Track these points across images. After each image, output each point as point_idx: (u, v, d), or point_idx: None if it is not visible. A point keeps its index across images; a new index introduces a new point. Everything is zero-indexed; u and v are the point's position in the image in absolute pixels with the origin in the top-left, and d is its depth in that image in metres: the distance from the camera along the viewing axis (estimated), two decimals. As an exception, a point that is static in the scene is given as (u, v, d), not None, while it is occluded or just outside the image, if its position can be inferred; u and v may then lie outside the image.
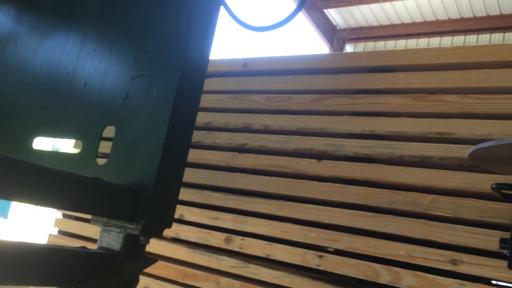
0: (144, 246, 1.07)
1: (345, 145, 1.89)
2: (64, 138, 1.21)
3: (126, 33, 1.18)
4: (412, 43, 7.44)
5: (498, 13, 6.57)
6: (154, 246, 2.20)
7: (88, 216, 1.09)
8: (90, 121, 1.17)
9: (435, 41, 7.17)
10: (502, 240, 0.72)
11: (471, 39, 6.80)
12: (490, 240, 1.27)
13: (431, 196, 1.57)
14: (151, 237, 1.06)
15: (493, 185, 0.78)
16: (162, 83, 1.06)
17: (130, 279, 1.01)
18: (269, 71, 2.30)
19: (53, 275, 0.90)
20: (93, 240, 2.46)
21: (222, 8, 1.23)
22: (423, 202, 1.58)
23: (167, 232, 2.17)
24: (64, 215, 2.68)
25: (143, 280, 2.06)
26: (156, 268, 2.07)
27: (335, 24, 8.02)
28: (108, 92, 1.16)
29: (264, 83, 2.28)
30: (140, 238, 1.03)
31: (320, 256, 1.75)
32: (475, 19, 6.79)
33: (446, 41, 7.07)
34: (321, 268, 1.73)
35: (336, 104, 2.00)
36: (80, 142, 1.19)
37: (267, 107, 2.21)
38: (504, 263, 1.17)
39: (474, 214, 1.39)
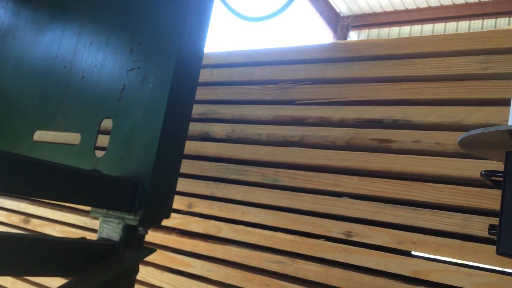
0: (143, 237, 1.09)
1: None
2: (62, 131, 1.23)
3: (121, 26, 1.18)
4: (416, 29, 7.37)
5: (504, -2, 6.49)
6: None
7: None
8: (88, 114, 1.18)
9: (439, 27, 7.10)
10: (491, 226, 0.73)
11: (476, 24, 6.73)
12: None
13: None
14: (149, 228, 1.08)
15: (483, 172, 0.78)
16: (158, 75, 1.07)
17: (129, 269, 1.02)
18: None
19: (54, 266, 0.92)
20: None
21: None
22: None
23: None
24: None
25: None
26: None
27: (338, 11, 7.96)
28: (105, 85, 1.17)
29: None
30: (139, 228, 1.05)
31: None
32: (480, 4, 6.72)
33: (451, 26, 7.00)
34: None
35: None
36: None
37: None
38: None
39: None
